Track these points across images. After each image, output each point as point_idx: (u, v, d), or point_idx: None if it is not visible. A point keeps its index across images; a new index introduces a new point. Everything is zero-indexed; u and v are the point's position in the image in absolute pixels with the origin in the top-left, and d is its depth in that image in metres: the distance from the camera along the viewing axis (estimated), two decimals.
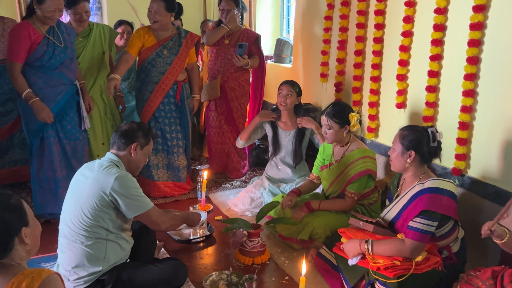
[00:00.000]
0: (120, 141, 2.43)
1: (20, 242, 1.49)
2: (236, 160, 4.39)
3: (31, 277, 1.42)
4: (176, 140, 3.89)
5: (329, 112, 3.03)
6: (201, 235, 3.16)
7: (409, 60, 3.28)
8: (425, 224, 2.32)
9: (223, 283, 2.60)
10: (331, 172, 3.14)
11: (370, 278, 2.38)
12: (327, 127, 3.04)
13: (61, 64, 3.23)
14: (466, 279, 2.28)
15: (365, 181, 3.01)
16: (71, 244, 2.30)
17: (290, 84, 3.65)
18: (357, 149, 3.06)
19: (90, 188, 2.29)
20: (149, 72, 3.72)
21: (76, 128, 3.39)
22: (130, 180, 2.34)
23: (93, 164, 2.41)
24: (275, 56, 5.25)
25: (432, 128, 2.47)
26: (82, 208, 2.27)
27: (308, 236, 2.96)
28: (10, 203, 1.49)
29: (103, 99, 3.84)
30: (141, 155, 2.48)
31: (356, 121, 3.01)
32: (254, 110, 4.56)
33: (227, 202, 3.77)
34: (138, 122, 2.54)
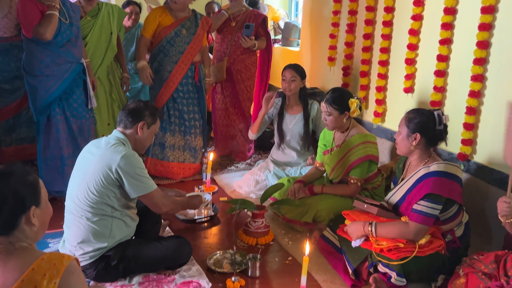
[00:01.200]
0: (127, 119, 2.44)
1: (27, 221, 1.47)
2: (242, 143, 4.39)
3: (53, 264, 1.42)
4: (194, 121, 3.90)
5: (328, 99, 3.00)
6: (206, 215, 3.19)
7: (418, 44, 3.25)
8: (430, 207, 2.32)
9: (227, 262, 2.62)
10: (332, 157, 3.14)
11: (373, 260, 2.39)
12: (327, 114, 3.01)
13: (68, 41, 3.23)
14: (469, 263, 2.29)
15: (366, 166, 3.01)
16: (77, 220, 2.33)
17: (293, 69, 3.63)
18: (358, 134, 3.05)
19: (96, 165, 2.31)
20: (167, 52, 3.71)
21: (83, 106, 3.40)
22: (136, 160, 2.35)
23: (99, 142, 2.43)
24: (282, 40, 5.22)
25: (438, 111, 2.45)
26: (88, 185, 2.30)
27: (312, 218, 2.97)
28: (27, 179, 1.48)
29: (109, 79, 3.84)
30: (147, 134, 2.49)
31: (356, 107, 2.98)
32: (260, 93, 4.55)
33: (232, 184, 3.79)
34: (145, 101, 2.55)
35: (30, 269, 1.40)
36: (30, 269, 1.40)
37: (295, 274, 2.51)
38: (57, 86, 3.22)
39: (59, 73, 3.23)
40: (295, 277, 2.48)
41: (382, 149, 3.60)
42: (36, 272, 1.39)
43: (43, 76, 3.20)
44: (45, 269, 1.40)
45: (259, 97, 4.55)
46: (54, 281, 1.39)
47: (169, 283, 2.42)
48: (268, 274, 2.58)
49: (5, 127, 3.85)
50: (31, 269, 1.40)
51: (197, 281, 2.42)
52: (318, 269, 2.59)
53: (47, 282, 1.39)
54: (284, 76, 3.66)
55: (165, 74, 3.75)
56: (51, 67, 3.19)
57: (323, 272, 2.56)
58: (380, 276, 2.38)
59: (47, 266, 1.41)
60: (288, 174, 3.65)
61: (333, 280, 2.49)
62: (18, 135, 3.92)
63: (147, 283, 2.41)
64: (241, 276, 2.50)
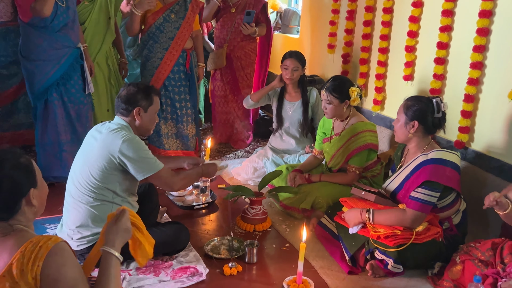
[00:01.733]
0: (122, 107, 2.43)
1: (28, 203, 1.48)
2: (241, 130, 4.38)
3: (38, 247, 1.41)
4: (186, 109, 3.86)
5: (329, 87, 2.98)
6: (204, 202, 3.19)
7: (418, 31, 3.23)
8: (427, 195, 2.32)
9: (224, 248, 2.63)
10: (332, 145, 3.13)
11: (370, 246, 2.40)
12: (327, 102, 2.99)
13: (64, 25, 3.20)
14: (466, 250, 2.30)
15: (366, 155, 3.00)
16: (77, 203, 2.34)
17: (295, 58, 3.61)
18: (357, 123, 3.04)
19: (98, 150, 2.31)
20: (157, 38, 3.66)
21: (80, 92, 3.38)
22: (138, 142, 2.34)
23: (102, 126, 2.43)
24: (282, 27, 5.18)
25: (437, 99, 2.44)
26: (90, 170, 2.30)
27: (310, 205, 2.97)
28: (20, 162, 1.46)
29: (108, 65, 3.81)
30: (147, 117, 2.47)
31: (356, 96, 2.96)
32: (259, 80, 4.53)
33: (230, 171, 3.78)
34: (136, 84, 2.48)
35: (19, 252, 1.40)
36: (19, 252, 1.40)
37: (292, 261, 2.52)
38: (54, 71, 3.20)
39: (56, 57, 3.21)
40: (292, 263, 2.49)
41: (381, 137, 3.59)
42: (24, 255, 1.39)
43: (40, 61, 3.18)
44: (31, 252, 1.40)
45: (259, 84, 4.54)
46: (37, 263, 1.39)
47: (166, 268, 2.43)
48: (265, 260, 2.59)
49: (3, 112, 3.84)
50: (20, 252, 1.40)
51: (194, 267, 2.43)
52: (315, 255, 2.60)
53: (32, 265, 1.38)
54: (285, 66, 3.63)
55: (156, 61, 3.67)
56: (48, 51, 3.17)
57: (320, 259, 2.57)
58: (377, 263, 2.39)
59: (33, 249, 1.40)
60: (286, 161, 3.65)
61: (330, 266, 2.50)
62: (15, 120, 3.91)
63: (144, 269, 2.41)
64: (238, 262, 2.50)
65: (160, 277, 2.35)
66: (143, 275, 2.37)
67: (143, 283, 2.30)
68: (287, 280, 2.32)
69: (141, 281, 2.31)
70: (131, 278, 2.33)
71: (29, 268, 1.38)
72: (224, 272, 2.42)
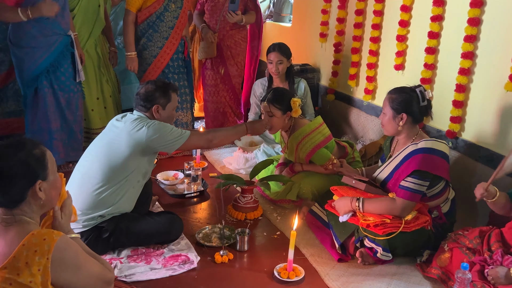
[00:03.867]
0: (141, 105, 2.51)
1: (33, 194, 1.48)
2: (232, 119, 4.37)
3: (42, 239, 1.42)
4: (185, 95, 3.89)
5: (270, 98, 2.94)
6: (195, 190, 3.19)
7: (410, 20, 3.23)
8: (417, 184, 2.34)
9: (215, 236, 2.64)
10: (289, 156, 3.17)
11: (359, 235, 2.42)
12: (269, 114, 2.94)
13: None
14: (454, 238, 2.33)
15: (322, 153, 2.99)
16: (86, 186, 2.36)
17: (279, 52, 3.60)
18: (297, 132, 3.02)
19: (124, 138, 2.37)
20: (157, 28, 3.64)
21: (70, 80, 3.35)
22: (160, 124, 2.44)
23: (124, 117, 2.49)
24: (274, 15, 5.15)
25: (420, 88, 2.46)
26: (112, 155, 2.36)
27: (295, 196, 2.98)
28: (34, 153, 1.49)
29: (97, 53, 3.78)
30: (165, 114, 2.55)
31: (298, 107, 2.94)
32: (250, 68, 4.52)
33: (222, 160, 3.79)
34: (154, 82, 2.57)
35: (20, 245, 1.41)
36: (21, 245, 1.41)
37: (283, 248, 2.54)
38: (44, 58, 3.17)
39: (46, 44, 3.17)
40: (283, 251, 2.51)
41: (372, 126, 3.61)
42: (27, 248, 1.40)
43: (30, 48, 3.15)
44: (35, 245, 1.41)
45: (250, 73, 4.52)
46: (46, 256, 1.41)
47: (157, 256, 2.44)
48: (256, 248, 2.60)
49: None
50: (22, 245, 1.41)
51: (185, 255, 2.44)
52: (305, 243, 2.62)
53: (39, 257, 1.40)
54: (270, 60, 3.63)
55: (155, 50, 3.68)
56: (37, 38, 3.14)
57: (310, 247, 2.59)
58: (367, 250, 2.42)
59: (37, 242, 1.41)
60: (277, 152, 3.66)
61: (320, 254, 2.52)
62: (5, 108, 3.87)
63: (136, 257, 2.42)
64: (230, 250, 2.52)
65: (151, 265, 2.36)
66: (134, 263, 2.37)
67: (134, 271, 2.31)
68: (278, 268, 2.35)
69: (133, 269, 2.32)
70: (123, 266, 2.34)
71: (35, 261, 1.40)
72: (215, 260, 2.43)
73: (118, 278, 2.22)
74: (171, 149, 2.48)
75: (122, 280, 2.23)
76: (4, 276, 1.39)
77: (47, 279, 1.41)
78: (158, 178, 3.31)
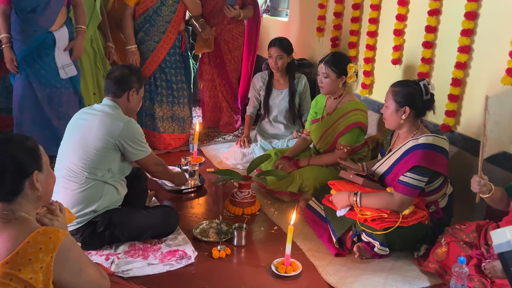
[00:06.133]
0: (116, 88, 2.46)
1: (31, 186, 1.49)
2: (229, 114, 4.36)
3: (48, 237, 1.43)
4: (182, 90, 3.89)
5: (328, 61, 2.98)
6: (192, 186, 3.19)
7: (407, 14, 3.21)
8: (416, 179, 2.33)
9: (213, 231, 2.64)
10: (321, 125, 3.13)
11: (357, 229, 2.42)
12: (324, 76, 3.00)
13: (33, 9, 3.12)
14: (451, 232, 2.33)
15: (356, 134, 3.01)
16: (68, 184, 2.34)
17: (279, 47, 3.58)
18: (349, 102, 3.04)
19: (97, 131, 2.34)
20: (154, 22, 3.64)
21: (53, 75, 3.31)
22: (137, 126, 2.44)
23: (92, 109, 2.45)
24: (271, 10, 5.13)
25: (424, 81, 2.44)
26: (87, 150, 2.33)
27: (297, 188, 2.98)
28: (26, 145, 1.50)
29: (93, 48, 3.75)
30: (137, 99, 2.54)
31: (353, 73, 2.98)
32: (248, 63, 4.50)
33: (219, 155, 3.78)
34: (128, 66, 2.55)
35: (25, 242, 1.41)
36: (26, 242, 1.41)
37: (280, 243, 2.54)
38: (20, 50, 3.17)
39: (23, 37, 3.16)
40: (280, 246, 2.51)
41: (369, 120, 3.58)
42: (32, 245, 1.41)
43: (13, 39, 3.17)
44: (41, 243, 1.41)
45: (247, 67, 4.51)
46: (50, 254, 1.42)
47: (155, 252, 2.43)
48: (254, 243, 2.60)
49: None
50: (27, 242, 1.41)
51: (183, 250, 2.44)
52: (303, 238, 2.62)
53: (43, 255, 1.41)
54: (270, 54, 3.62)
55: (152, 45, 3.68)
56: (16, 29, 3.15)
57: (308, 241, 2.59)
58: (364, 245, 2.42)
59: (43, 239, 1.42)
60: (274, 147, 3.65)
61: (317, 248, 2.53)
62: None
63: (133, 252, 2.42)
64: (227, 245, 2.52)
65: (148, 260, 2.36)
66: (131, 258, 2.37)
67: (131, 266, 2.31)
68: (275, 263, 2.34)
69: (130, 264, 2.32)
70: (120, 261, 2.34)
71: (39, 258, 1.40)
72: (213, 255, 2.43)
73: (115, 273, 2.22)
74: (135, 154, 2.44)
75: (119, 275, 2.21)
76: (5, 271, 1.39)
77: (49, 277, 1.42)
78: None
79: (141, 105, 3.70)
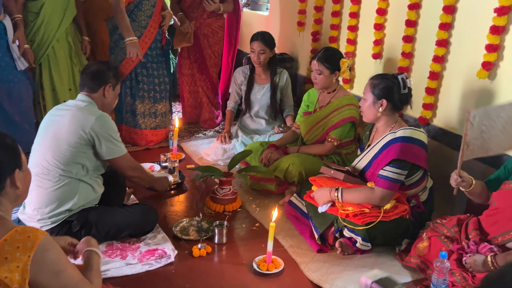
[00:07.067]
0: (92, 83, 2.40)
1: (12, 184, 1.46)
2: (210, 109, 4.31)
3: (27, 236, 1.39)
4: (164, 85, 3.84)
5: (321, 57, 2.98)
6: (172, 183, 3.13)
7: (387, 9, 3.21)
8: (395, 173, 2.33)
9: (193, 229, 2.60)
10: (313, 118, 3.12)
11: (339, 225, 2.41)
12: (318, 72, 2.99)
13: None
14: (432, 227, 2.34)
15: (348, 128, 3.01)
16: (42, 182, 2.28)
17: (262, 41, 3.55)
18: (344, 96, 3.05)
19: (69, 126, 2.27)
20: (136, 17, 3.58)
21: (9, 69, 3.21)
22: (110, 122, 2.36)
23: (66, 105, 2.39)
24: (251, 3, 5.08)
25: (402, 75, 2.45)
26: (60, 147, 2.26)
27: (283, 174, 2.94)
28: (5, 142, 1.46)
29: (68, 42, 3.65)
30: (113, 95, 2.49)
31: (346, 68, 2.98)
32: (228, 58, 4.44)
33: (199, 151, 3.72)
34: (105, 62, 2.51)
35: (2, 240, 1.37)
36: (3, 240, 1.37)
37: (262, 240, 2.51)
38: None
39: None
40: (262, 243, 2.48)
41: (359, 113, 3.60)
42: (9, 243, 1.37)
43: None
44: (18, 241, 1.38)
45: (228, 62, 4.45)
46: (28, 254, 1.38)
47: (133, 251, 2.38)
48: (235, 240, 2.57)
49: None
50: (4, 240, 1.37)
51: (162, 249, 2.39)
52: (285, 234, 2.60)
53: (20, 254, 1.37)
54: (252, 48, 3.59)
55: None
56: None
57: (289, 238, 2.57)
58: (346, 240, 2.41)
59: (21, 238, 1.39)
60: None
61: (299, 245, 2.50)
62: None
63: (111, 252, 2.36)
64: (208, 243, 2.48)
65: (127, 260, 2.30)
66: (109, 258, 2.31)
67: (109, 267, 2.25)
68: (257, 260, 2.32)
69: (107, 265, 2.26)
70: None
71: (16, 256, 1.36)
72: (193, 253, 2.39)
73: None
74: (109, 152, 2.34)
75: None
76: None
77: (25, 277, 1.37)
78: None
79: (121, 102, 3.69)
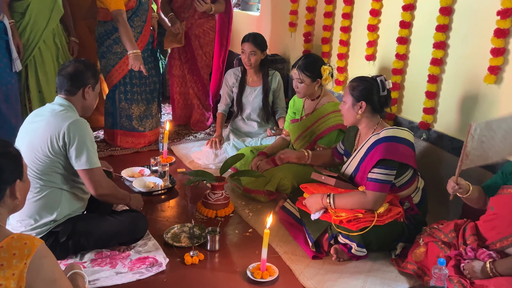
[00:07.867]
0: (70, 85, 2.25)
1: (11, 194, 1.44)
2: (200, 111, 4.24)
3: (23, 243, 1.37)
4: (154, 85, 3.84)
5: (301, 65, 2.92)
6: (163, 187, 3.06)
7: (381, 10, 3.17)
8: (384, 174, 2.31)
9: (185, 235, 2.53)
10: (300, 126, 3.07)
11: (333, 231, 2.36)
12: (299, 81, 2.94)
13: None
14: (429, 232, 2.30)
15: (335, 135, 2.96)
16: None
17: (252, 43, 3.50)
18: (329, 103, 2.99)
19: (43, 133, 2.16)
20: (133, 23, 3.54)
21: (7, 71, 3.14)
22: (87, 129, 2.22)
23: (43, 110, 2.28)
24: (242, 4, 5.02)
25: (381, 77, 2.44)
26: (36, 155, 2.16)
27: (275, 187, 2.89)
28: (9, 151, 1.44)
29: (55, 43, 3.57)
30: (93, 96, 2.36)
31: (328, 74, 2.92)
32: (219, 59, 4.39)
33: (190, 154, 3.66)
34: (82, 61, 2.35)
35: None
36: None
37: (255, 247, 2.45)
38: None
39: None
40: (256, 249, 2.42)
41: None
42: (5, 250, 1.36)
43: None
44: (15, 248, 1.36)
45: (219, 63, 4.40)
46: (24, 261, 1.36)
47: (123, 259, 2.31)
48: (228, 247, 2.51)
49: None
50: (0, 247, 1.36)
51: (153, 257, 2.32)
52: (279, 240, 2.54)
53: (16, 261, 1.35)
54: (243, 49, 3.54)
55: None
56: None
57: (284, 244, 2.52)
58: (341, 247, 2.36)
59: (17, 245, 1.37)
60: (248, 145, 3.54)
61: (294, 251, 2.45)
62: None
63: (100, 260, 2.29)
64: (200, 250, 2.41)
65: (117, 269, 2.23)
66: (98, 267, 2.24)
67: (98, 276, 2.18)
68: (251, 267, 2.26)
69: (97, 274, 2.19)
70: (86, 270, 2.20)
71: (12, 263, 1.34)
72: (185, 261, 2.33)
73: None
74: (78, 162, 2.16)
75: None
76: None
77: (20, 285, 1.34)
78: (123, 175, 3.16)
79: (114, 107, 3.62)
